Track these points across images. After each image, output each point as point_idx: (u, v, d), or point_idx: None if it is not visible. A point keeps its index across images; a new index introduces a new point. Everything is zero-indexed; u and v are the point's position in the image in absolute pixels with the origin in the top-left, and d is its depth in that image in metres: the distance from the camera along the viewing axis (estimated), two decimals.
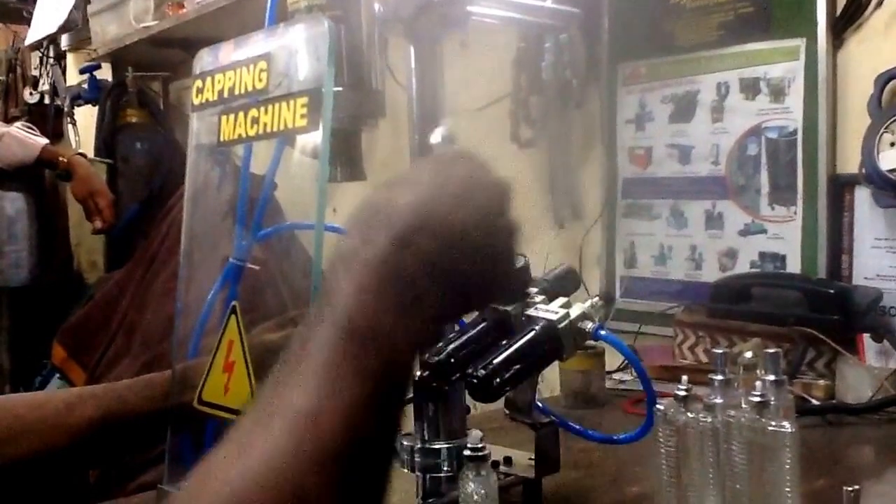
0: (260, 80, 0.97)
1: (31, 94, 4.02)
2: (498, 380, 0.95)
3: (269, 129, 0.95)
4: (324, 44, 0.91)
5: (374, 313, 0.66)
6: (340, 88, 0.96)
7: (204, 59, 1.06)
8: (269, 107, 0.95)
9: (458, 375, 0.99)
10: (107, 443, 1.11)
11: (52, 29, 3.66)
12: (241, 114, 0.98)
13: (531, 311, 1.01)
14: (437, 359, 0.99)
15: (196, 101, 1.05)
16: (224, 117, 1.00)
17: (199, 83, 1.05)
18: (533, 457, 1.06)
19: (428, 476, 1.07)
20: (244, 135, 0.98)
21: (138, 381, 1.14)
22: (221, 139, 1.01)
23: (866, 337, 1.56)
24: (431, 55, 1.10)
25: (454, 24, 1.10)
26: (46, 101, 3.98)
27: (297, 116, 0.91)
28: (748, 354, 1.06)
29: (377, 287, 0.67)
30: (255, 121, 0.96)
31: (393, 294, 0.68)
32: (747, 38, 1.92)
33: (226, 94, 1.01)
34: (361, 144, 1.08)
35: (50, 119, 3.92)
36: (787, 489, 0.87)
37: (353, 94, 1.02)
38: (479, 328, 1.03)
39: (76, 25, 3.58)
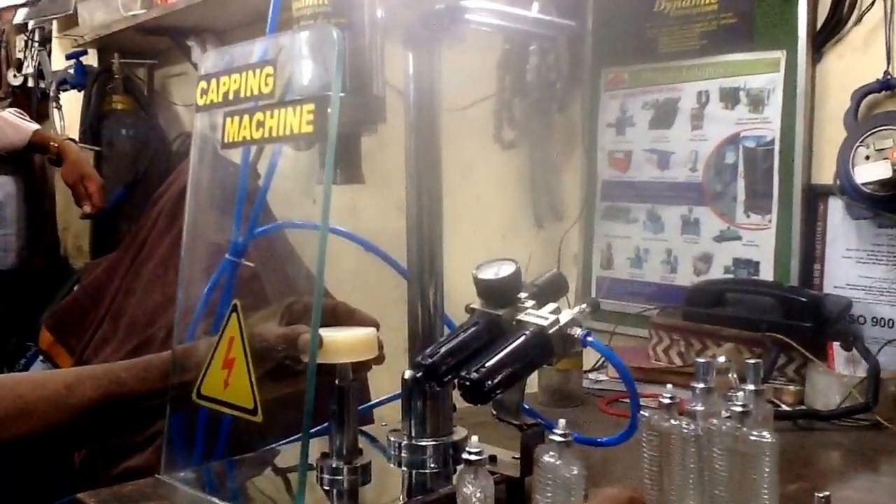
0: (266, 84, 0.99)
1: (14, 76, 4.01)
2: (490, 382, 0.98)
3: (274, 134, 0.97)
4: (332, 52, 0.93)
5: None
6: (343, 94, 0.98)
7: (209, 61, 1.08)
8: (276, 111, 0.97)
9: (450, 377, 1.03)
10: (105, 422, 1.15)
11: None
12: (246, 117, 1.00)
13: (522, 316, 1.05)
14: (430, 360, 1.03)
15: (200, 102, 1.07)
16: (229, 119, 1.02)
17: (203, 84, 1.06)
18: (517, 456, 1.09)
19: (414, 472, 1.10)
20: (249, 138, 1.00)
21: (137, 362, 1.17)
22: (226, 141, 1.03)
23: (836, 345, 1.60)
24: (429, 61, 1.13)
25: (451, 30, 1.13)
26: (30, 84, 3.99)
27: (304, 122, 0.94)
28: (721, 359, 1.09)
29: None
30: (261, 124, 0.98)
31: None
32: (729, 49, 1.96)
33: (231, 97, 1.02)
34: (361, 148, 1.10)
35: (34, 102, 3.93)
36: (766, 496, 0.91)
37: (356, 100, 1.04)
38: (470, 331, 1.06)
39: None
